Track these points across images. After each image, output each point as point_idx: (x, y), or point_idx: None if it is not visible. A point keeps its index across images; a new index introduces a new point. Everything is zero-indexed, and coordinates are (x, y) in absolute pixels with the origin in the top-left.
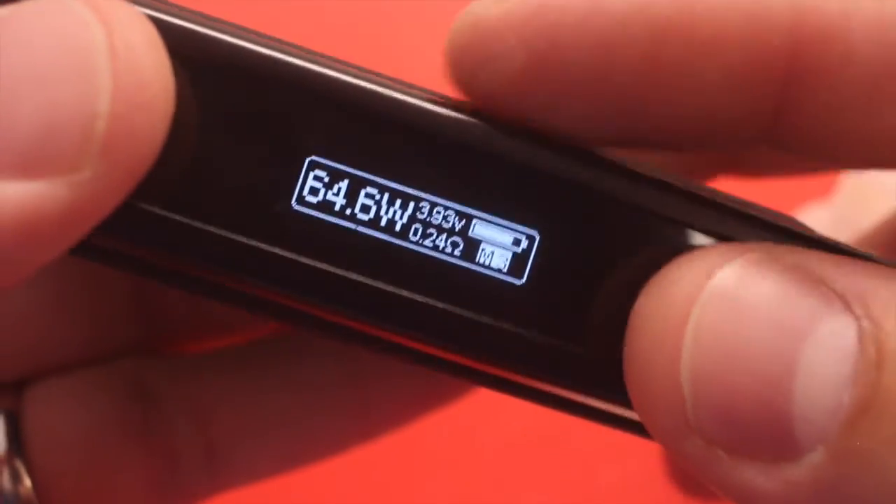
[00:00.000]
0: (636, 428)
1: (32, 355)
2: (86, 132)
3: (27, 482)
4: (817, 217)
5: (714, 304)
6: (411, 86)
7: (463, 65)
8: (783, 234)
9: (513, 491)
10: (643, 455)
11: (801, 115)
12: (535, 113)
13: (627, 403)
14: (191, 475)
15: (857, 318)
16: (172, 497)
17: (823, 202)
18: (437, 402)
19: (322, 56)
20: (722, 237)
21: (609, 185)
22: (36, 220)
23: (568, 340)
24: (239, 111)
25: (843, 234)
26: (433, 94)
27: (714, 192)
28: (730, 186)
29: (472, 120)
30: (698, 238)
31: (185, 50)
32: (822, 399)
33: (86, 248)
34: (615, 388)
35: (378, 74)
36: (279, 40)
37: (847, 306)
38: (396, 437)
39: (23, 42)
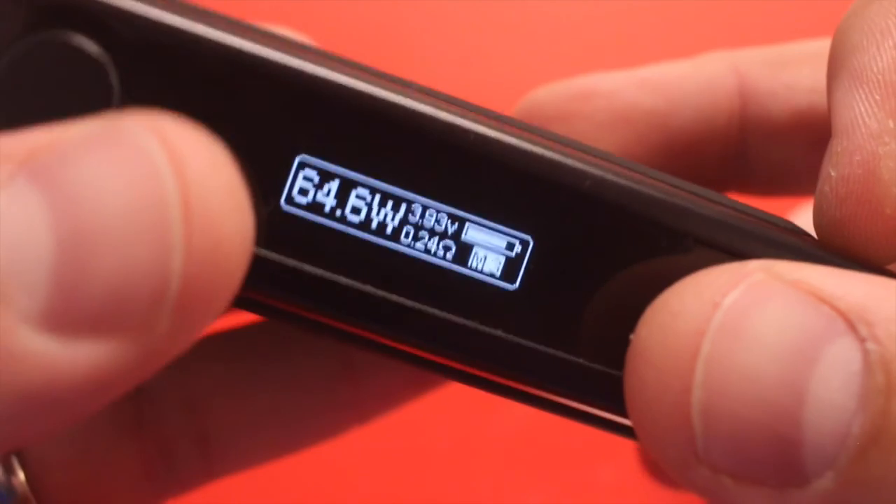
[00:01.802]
0: (629, 432)
1: None
2: (158, 293)
3: (21, 474)
4: None
5: (723, 338)
6: (405, 83)
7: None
8: (781, 244)
9: (513, 491)
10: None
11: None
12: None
13: (621, 410)
14: (184, 464)
15: (862, 340)
16: (167, 487)
17: None
18: (429, 385)
19: (314, 53)
20: (719, 247)
21: (605, 192)
22: (105, 378)
23: (560, 347)
24: (228, 108)
25: None
26: (427, 91)
27: (712, 195)
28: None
29: (466, 121)
30: (696, 247)
31: (178, 48)
32: (832, 426)
33: None
34: (609, 396)
35: (372, 71)
36: (272, 36)
37: (851, 326)
38: (396, 436)
39: (94, 193)
